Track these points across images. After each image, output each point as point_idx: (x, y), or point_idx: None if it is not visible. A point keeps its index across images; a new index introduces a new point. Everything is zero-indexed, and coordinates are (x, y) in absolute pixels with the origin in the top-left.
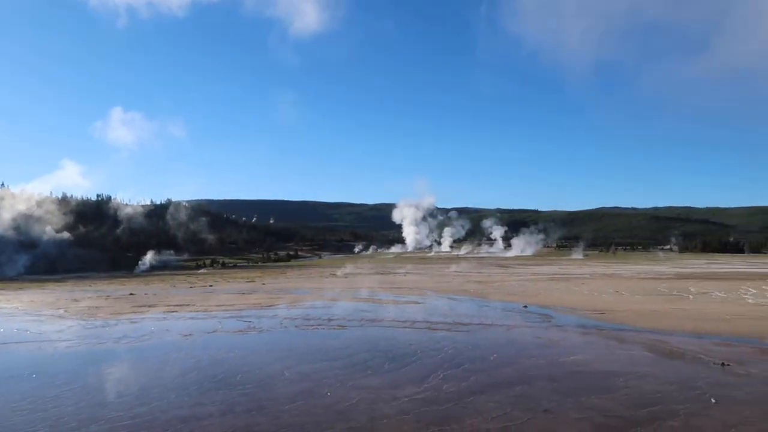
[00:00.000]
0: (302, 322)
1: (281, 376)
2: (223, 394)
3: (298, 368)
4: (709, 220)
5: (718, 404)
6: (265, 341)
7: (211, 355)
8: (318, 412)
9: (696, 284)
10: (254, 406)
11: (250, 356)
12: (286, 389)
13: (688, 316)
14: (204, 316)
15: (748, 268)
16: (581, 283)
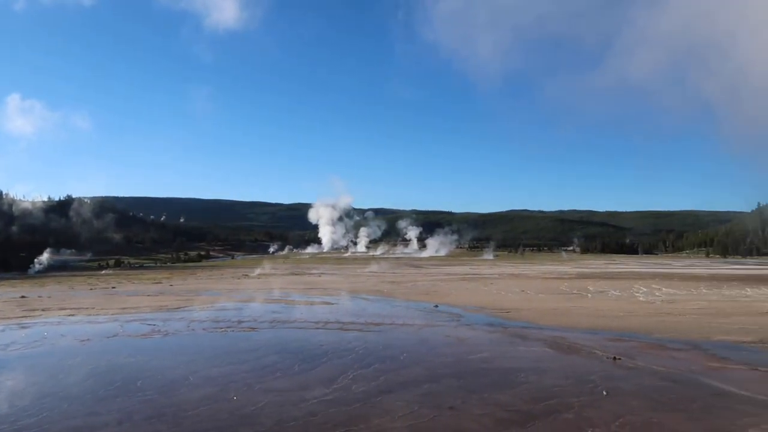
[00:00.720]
0: (211, 325)
1: (185, 381)
2: (121, 401)
3: (203, 372)
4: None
5: (609, 396)
6: (169, 345)
7: (109, 361)
8: (223, 417)
9: (594, 283)
10: (154, 413)
11: (153, 361)
12: (190, 394)
13: (586, 314)
14: (104, 320)
15: (641, 268)
16: (490, 283)
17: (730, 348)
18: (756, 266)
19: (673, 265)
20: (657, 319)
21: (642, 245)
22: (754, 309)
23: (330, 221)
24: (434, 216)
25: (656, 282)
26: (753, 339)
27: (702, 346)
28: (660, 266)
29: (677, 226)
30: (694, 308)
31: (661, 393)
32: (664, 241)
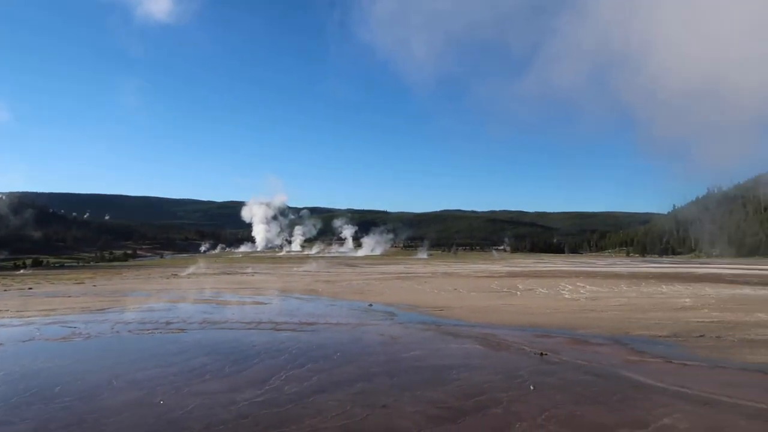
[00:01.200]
0: (137, 327)
1: (108, 386)
2: (37, 409)
3: (128, 376)
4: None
5: (536, 390)
6: (91, 349)
7: (24, 366)
8: (148, 423)
9: (523, 282)
10: (74, 420)
11: (73, 365)
12: (113, 400)
13: (516, 311)
14: (19, 323)
15: (567, 267)
16: (424, 282)
17: (647, 342)
18: (671, 265)
19: (597, 263)
20: (581, 316)
21: (568, 245)
22: (669, 305)
23: (264, 220)
24: (370, 215)
25: (581, 280)
26: (668, 333)
27: (622, 341)
28: (584, 265)
29: (600, 226)
30: (615, 305)
31: (584, 386)
32: (589, 240)
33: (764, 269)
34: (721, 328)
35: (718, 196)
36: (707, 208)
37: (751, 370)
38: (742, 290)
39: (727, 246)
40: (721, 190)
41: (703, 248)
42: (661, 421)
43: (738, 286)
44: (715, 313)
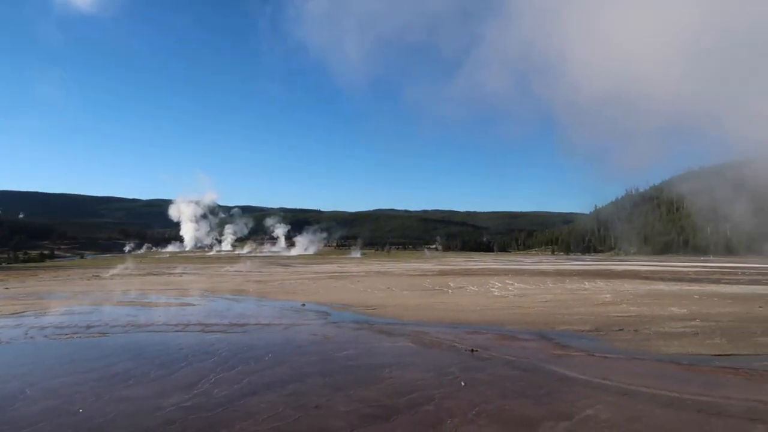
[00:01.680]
0: (54, 332)
1: (21, 395)
2: None
3: (43, 384)
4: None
5: (466, 386)
6: (2, 355)
7: None
8: None
9: (455, 280)
10: None
11: None
12: (27, 409)
13: (447, 309)
14: None
15: (496, 265)
16: (357, 281)
17: (571, 336)
18: (592, 262)
19: (524, 261)
20: (510, 312)
21: (497, 243)
22: (591, 301)
23: (193, 218)
24: (303, 214)
25: (509, 278)
26: (590, 328)
27: (548, 336)
28: (513, 263)
29: (528, 225)
30: (542, 301)
31: (512, 381)
32: (517, 239)
33: (676, 266)
34: (638, 322)
35: (635, 197)
36: (625, 209)
37: (665, 361)
38: (657, 286)
39: (643, 244)
40: (638, 192)
41: (622, 246)
42: (585, 413)
43: (653, 282)
44: (633, 308)
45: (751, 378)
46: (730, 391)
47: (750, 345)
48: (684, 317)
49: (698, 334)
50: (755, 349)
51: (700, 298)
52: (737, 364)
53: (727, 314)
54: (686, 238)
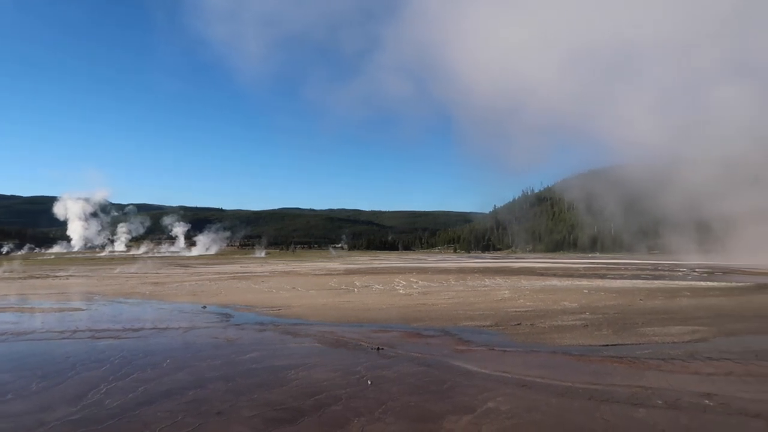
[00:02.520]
0: None
1: None
2: None
3: None
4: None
5: (373, 385)
6: None
7: None
8: None
9: (361, 278)
10: None
11: None
12: None
13: (353, 308)
14: None
15: (401, 263)
16: (261, 281)
17: (473, 332)
18: (492, 260)
19: (428, 260)
20: (415, 310)
21: (402, 242)
22: (491, 297)
23: (82, 216)
24: (204, 213)
25: (414, 276)
26: (491, 323)
27: (451, 332)
28: (417, 261)
29: (431, 225)
30: (445, 298)
31: (417, 377)
32: (420, 238)
33: (567, 263)
34: (534, 316)
35: (530, 197)
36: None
37: (559, 353)
38: (551, 282)
39: (538, 242)
40: (533, 192)
41: (518, 244)
42: (486, 405)
43: (547, 278)
44: (530, 303)
45: (634, 365)
46: (616, 378)
47: (633, 335)
48: (575, 311)
49: (588, 326)
50: (637, 338)
51: (588, 292)
52: (622, 353)
53: (613, 307)
54: (575, 236)
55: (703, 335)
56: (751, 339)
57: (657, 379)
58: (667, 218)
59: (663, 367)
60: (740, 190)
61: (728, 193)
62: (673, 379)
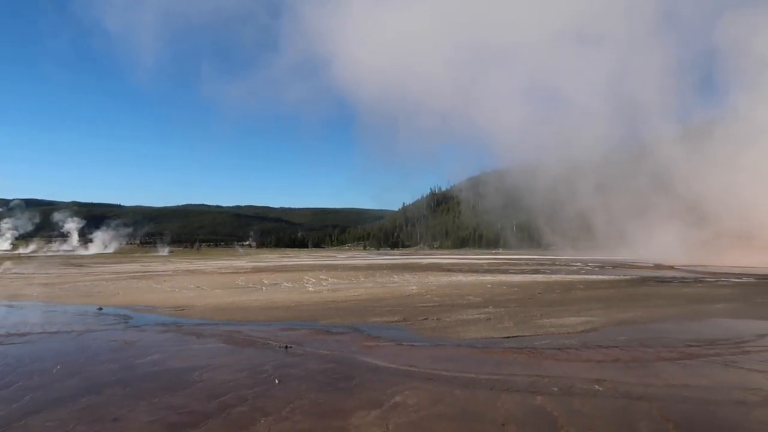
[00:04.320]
0: None
1: None
2: None
3: None
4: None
5: (281, 384)
6: None
7: None
8: None
9: (269, 276)
10: None
11: None
12: None
13: (261, 306)
14: None
15: (311, 261)
16: (163, 281)
17: (382, 328)
18: (401, 257)
19: (338, 257)
20: (324, 307)
21: (312, 239)
22: (400, 293)
23: None
24: (101, 209)
25: (323, 273)
26: (399, 318)
27: (360, 329)
28: (327, 258)
29: (342, 222)
30: (354, 295)
31: (326, 375)
32: (331, 235)
33: (472, 258)
34: (441, 310)
35: (438, 195)
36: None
37: (464, 346)
38: (457, 277)
39: (445, 239)
40: (441, 190)
41: (427, 241)
42: (394, 400)
43: (453, 274)
44: (436, 298)
45: (532, 355)
46: (516, 368)
47: (532, 327)
48: (479, 305)
49: (491, 320)
50: (536, 330)
51: (492, 287)
52: (522, 345)
53: (514, 300)
54: (480, 233)
55: (595, 325)
56: (636, 328)
57: (553, 367)
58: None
59: (559, 356)
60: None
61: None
62: (568, 367)
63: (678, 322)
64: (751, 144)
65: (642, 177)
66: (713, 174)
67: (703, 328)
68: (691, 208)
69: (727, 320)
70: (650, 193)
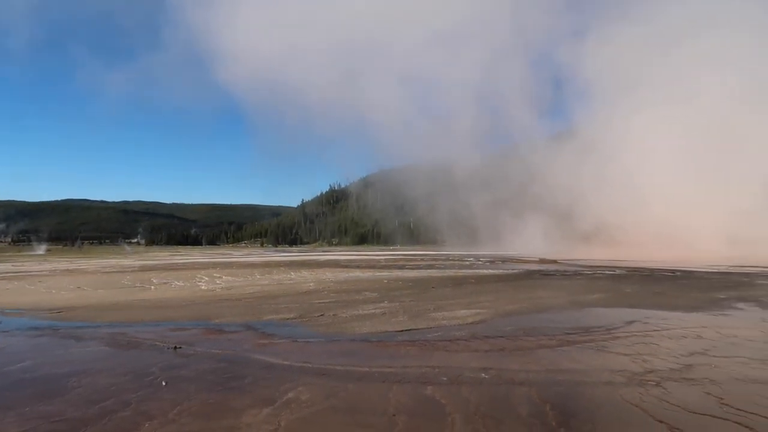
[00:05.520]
0: None
1: None
2: None
3: None
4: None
5: (168, 386)
6: None
7: None
8: None
9: (159, 275)
10: None
11: None
12: None
13: (150, 306)
14: None
15: (204, 259)
16: (39, 281)
17: (277, 325)
18: (299, 253)
19: (233, 254)
20: (217, 305)
21: (206, 237)
22: (296, 289)
23: None
24: None
25: (217, 271)
26: (294, 315)
27: (254, 327)
28: (222, 256)
29: (238, 218)
30: (250, 293)
31: (217, 374)
32: (226, 232)
33: (370, 255)
34: (337, 306)
35: (337, 192)
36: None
37: (359, 341)
38: (354, 273)
39: (344, 236)
40: (340, 187)
41: (326, 238)
42: (287, 396)
43: (351, 270)
44: (333, 294)
45: (424, 348)
46: (409, 360)
47: (425, 320)
48: (375, 300)
49: (386, 314)
50: (429, 323)
51: (388, 282)
52: (415, 337)
53: (409, 295)
54: (378, 230)
55: (484, 317)
56: (522, 318)
57: (444, 358)
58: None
59: (449, 347)
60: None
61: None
62: (457, 358)
63: (558, 312)
64: (589, 154)
65: (515, 179)
66: (566, 179)
67: (580, 317)
68: (553, 208)
69: (601, 309)
70: (524, 193)
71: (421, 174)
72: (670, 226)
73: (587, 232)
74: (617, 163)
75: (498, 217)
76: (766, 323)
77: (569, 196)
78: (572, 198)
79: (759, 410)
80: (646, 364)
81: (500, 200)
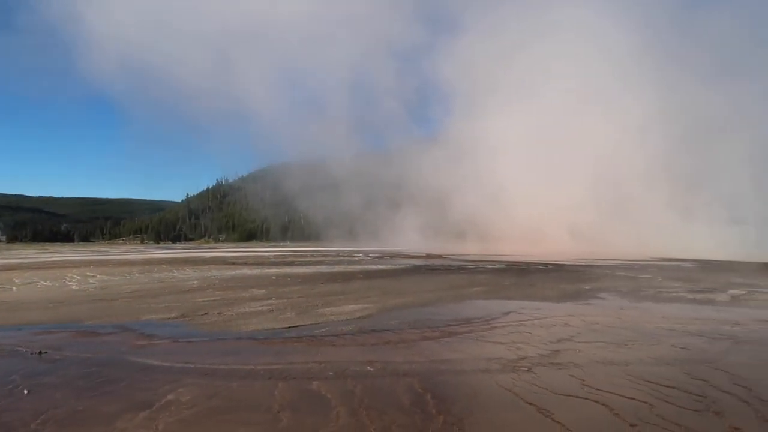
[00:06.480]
0: None
1: None
2: None
3: None
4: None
5: (31, 394)
6: None
7: None
8: None
9: (22, 275)
10: None
11: None
12: None
13: (10, 308)
14: None
15: (76, 256)
16: None
17: (157, 325)
18: (183, 250)
19: (110, 252)
20: (90, 306)
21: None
22: (179, 288)
23: None
24: None
25: (91, 269)
26: (176, 315)
27: (131, 328)
28: (97, 253)
29: (115, 213)
30: (127, 292)
31: (88, 379)
32: (102, 228)
33: (259, 251)
34: (222, 304)
35: (224, 187)
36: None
37: (244, 338)
38: (242, 270)
39: (232, 232)
40: (228, 182)
41: (213, 234)
42: (166, 398)
43: (238, 267)
44: (219, 292)
45: (311, 343)
46: (295, 357)
47: (313, 316)
48: (263, 297)
49: (273, 311)
50: (316, 319)
51: (276, 279)
52: (302, 334)
53: (297, 291)
54: (268, 226)
55: (371, 312)
56: (407, 312)
57: (330, 353)
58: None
59: (336, 342)
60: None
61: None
62: (344, 352)
63: (443, 305)
64: (455, 154)
65: (388, 178)
66: (436, 179)
67: (462, 309)
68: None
69: (482, 301)
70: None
71: (303, 170)
72: (533, 221)
73: (461, 228)
74: (480, 162)
75: (376, 213)
76: (623, 311)
77: (440, 194)
78: (443, 196)
79: (614, 389)
80: (519, 352)
81: (375, 198)
